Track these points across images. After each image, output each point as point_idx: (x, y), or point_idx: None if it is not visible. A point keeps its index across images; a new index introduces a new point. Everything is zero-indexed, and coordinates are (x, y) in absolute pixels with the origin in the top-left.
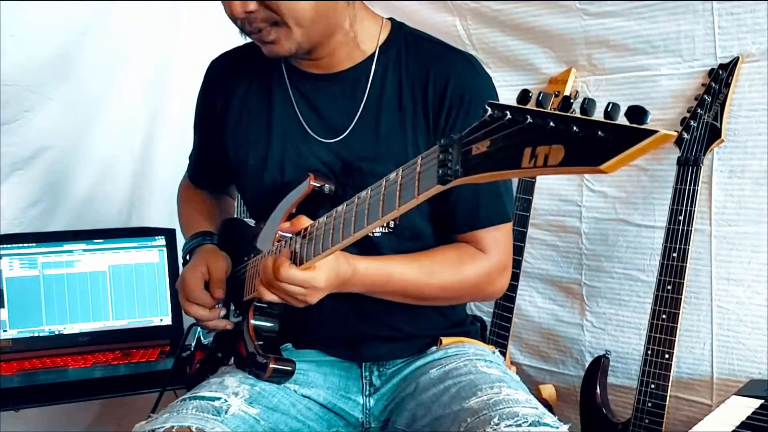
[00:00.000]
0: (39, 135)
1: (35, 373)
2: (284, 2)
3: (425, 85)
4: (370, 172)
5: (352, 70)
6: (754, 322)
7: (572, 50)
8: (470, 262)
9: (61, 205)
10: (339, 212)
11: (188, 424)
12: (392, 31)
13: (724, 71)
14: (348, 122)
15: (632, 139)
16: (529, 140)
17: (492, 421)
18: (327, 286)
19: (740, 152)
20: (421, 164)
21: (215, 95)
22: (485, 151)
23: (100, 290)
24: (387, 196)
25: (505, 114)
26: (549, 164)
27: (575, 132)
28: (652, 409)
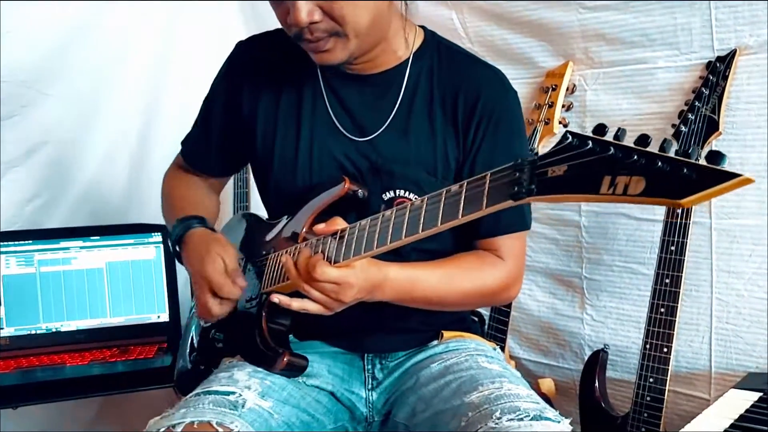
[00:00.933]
0: (36, 131)
1: (33, 371)
2: (348, 14)
3: (456, 98)
4: (400, 176)
5: (386, 73)
6: (753, 316)
7: (569, 44)
8: (490, 270)
9: (58, 201)
10: (386, 216)
11: (208, 419)
12: (426, 39)
13: (722, 64)
14: (378, 123)
15: (714, 180)
16: (609, 170)
17: (494, 415)
18: (360, 288)
19: (739, 145)
20: (491, 180)
21: (241, 81)
22: (561, 175)
23: (97, 287)
24: (448, 206)
25: (586, 143)
26: (629, 193)
27: (659, 167)
28: (650, 403)
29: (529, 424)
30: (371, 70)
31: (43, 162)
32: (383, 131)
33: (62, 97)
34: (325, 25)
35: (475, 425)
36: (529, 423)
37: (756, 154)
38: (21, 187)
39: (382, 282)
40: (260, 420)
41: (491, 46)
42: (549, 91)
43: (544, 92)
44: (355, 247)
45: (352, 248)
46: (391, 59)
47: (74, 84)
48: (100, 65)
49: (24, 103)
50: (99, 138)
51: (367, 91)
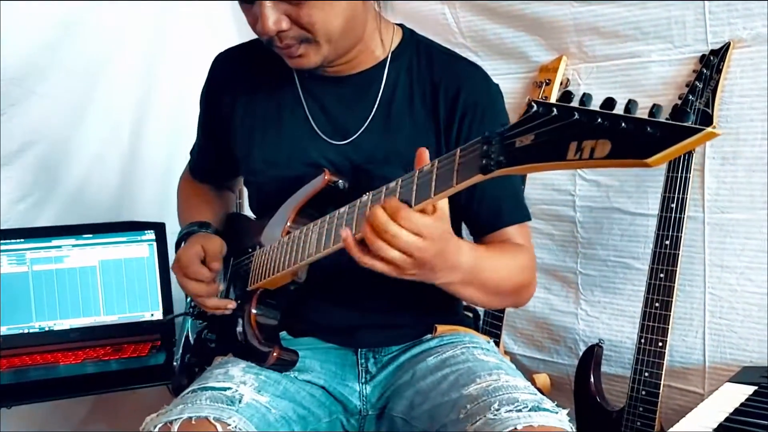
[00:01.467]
0: (26, 129)
1: (26, 370)
2: (317, 21)
3: (436, 93)
4: (379, 175)
5: (364, 74)
6: (746, 310)
7: (562, 38)
8: (521, 255)
9: (50, 200)
10: (363, 202)
11: (205, 414)
12: (404, 37)
13: (716, 57)
14: (358, 125)
15: (679, 136)
16: (574, 135)
17: (492, 406)
18: (440, 250)
19: (732, 139)
20: (460, 155)
21: (221, 91)
22: (529, 144)
23: (89, 285)
24: (421, 186)
25: (551, 110)
26: (595, 157)
27: (623, 128)
28: (646, 398)
29: (527, 414)
30: (349, 71)
31: (35, 160)
32: (363, 132)
33: (53, 95)
34: (294, 33)
35: (474, 417)
36: (528, 414)
37: (749, 148)
38: (12, 185)
39: (458, 263)
40: (258, 415)
41: (484, 40)
42: (543, 85)
43: (538, 87)
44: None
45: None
46: (369, 59)
47: (65, 82)
48: (91, 63)
49: (14, 101)
50: (90, 136)
51: (346, 93)
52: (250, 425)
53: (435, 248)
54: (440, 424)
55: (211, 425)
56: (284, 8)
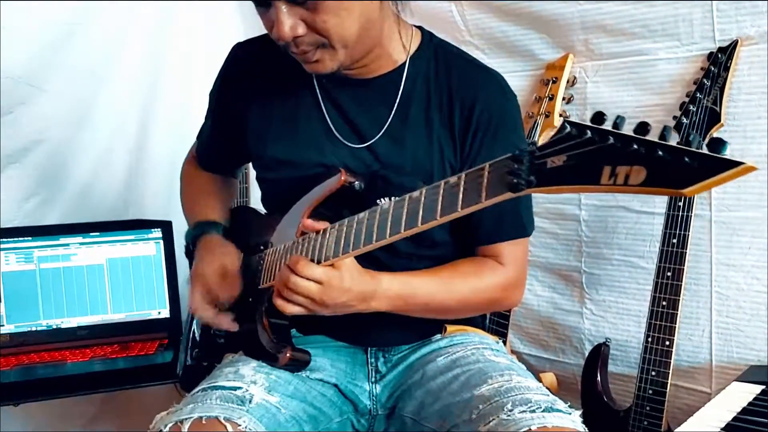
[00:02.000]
0: (34, 128)
1: (34, 368)
2: (333, 27)
3: (452, 104)
4: (396, 184)
5: (383, 78)
6: (753, 309)
7: (569, 35)
8: (489, 276)
9: (57, 198)
10: (384, 209)
11: (215, 414)
12: (423, 41)
13: (723, 55)
14: (375, 129)
15: (716, 168)
16: (608, 159)
17: (505, 407)
18: (346, 290)
19: (740, 136)
20: (489, 171)
21: (237, 84)
22: (561, 165)
23: (97, 283)
24: (446, 199)
25: (585, 133)
26: (630, 183)
27: (659, 156)
28: (653, 396)
29: (541, 415)
30: (367, 74)
31: (41, 158)
32: (380, 137)
33: (59, 93)
34: (310, 39)
35: (487, 417)
36: (542, 414)
37: (757, 146)
38: (19, 184)
39: (375, 291)
40: (268, 415)
41: (491, 38)
42: (549, 83)
43: (545, 85)
44: (354, 241)
45: (350, 242)
46: (388, 63)
47: (71, 80)
48: (96, 62)
49: (21, 99)
50: (97, 134)
51: (364, 96)
52: (260, 425)
53: (336, 290)
54: (452, 424)
55: (221, 425)
56: (300, 13)
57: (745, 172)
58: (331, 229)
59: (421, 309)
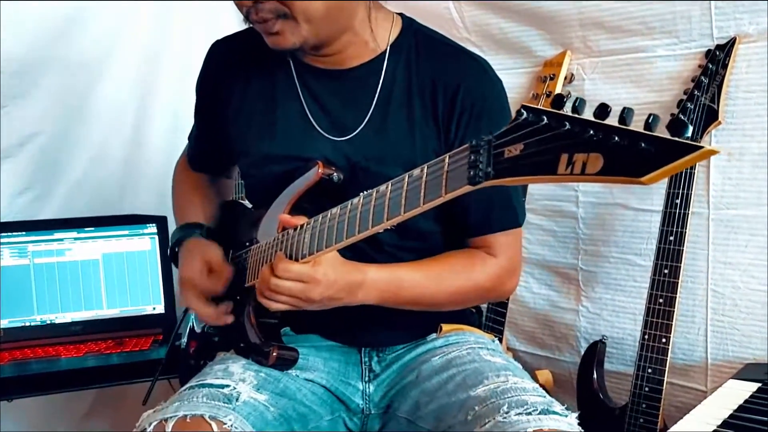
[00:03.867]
0: (28, 122)
1: (28, 363)
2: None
3: (435, 90)
4: (377, 173)
5: (362, 67)
6: (749, 307)
7: (567, 32)
8: (480, 267)
9: (52, 193)
10: (354, 204)
11: (201, 413)
12: (403, 28)
13: (721, 52)
14: (356, 121)
15: (676, 153)
16: (566, 147)
17: (501, 409)
18: (330, 283)
19: (738, 134)
20: (449, 163)
21: (217, 80)
22: (519, 155)
23: (91, 279)
24: (410, 192)
25: (541, 118)
26: (587, 172)
27: (616, 142)
28: (649, 394)
29: (537, 418)
30: (345, 64)
31: (37, 153)
32: (361, 129)
33: (55, 87)
34: (271, 6)
35: (483, 419)
36: (538, 417)
37: (756, 144)
38: (14, 178)
39: (361, 282)
40: (255, 413)
41: (488, 35)
42: (547, 80)
43: (542, 82)
44: (326, 238)
45: (324, 239)
46: (365, 52)
47: (67, 75)
48: (92, 56)
49: (17, 93)
50: (92, 129)
51: (343, 88)
52: (246, 424)
53: (320, 286)
54: (447, 425)
55: (206, 423)
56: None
57: (704, 157)
58: (306, 225)
59: (410, 301)
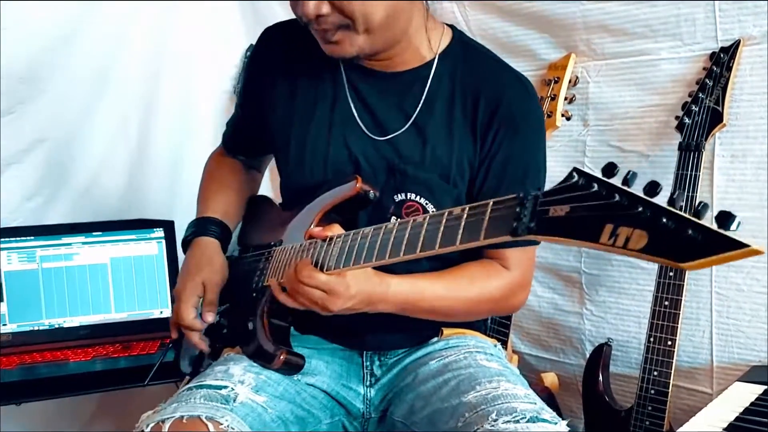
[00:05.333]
0: (35, 127)
1: (36, 367)
2: (359, 8)
3: (477, 102)
4: (413, 178)
5: (410, 72)
6: (753, 310)
7: (571, 35)
8: (495, 279)
9: (59, 198)
10: (388, 229)
11: (198, 414)
12: (453, 39)
13: (726, 54)
14: (398, 124)
15: (720, 246)
16: (612, 217)
17: (490, 416)
18: (351, 297)
19: (742, 136)
20: (492, 209)
21: (264, 70)
22: (563, 216)
23: (99, 283)
24: (448, 230)
25: (592, 186)
26: (629, 247)
27: (663, 223)
28: (655, 396)
29: (525, 426)
30: (394, 68)
31: (43, 158)
32: (403, 132)
33: (61, 92)
34: (334, 18)
35: (472, 426)
36: (525, 425)
37: (759, 146)
38: (21, 183)
39: (383, 293)
40: (253, 414)
41: (493, 38)
42: (551, 83)
43: (547, 85)
44: (355, 256)
45: (352, 257)
46: (415, 58)
47: (73, 79)
48: (99, 60)
49: (23, 99)
50: (99, 134)
51: (390, 90)
52: (243, 425)
53: (341, 298)
54: (439, 430)
55: (202, 424)
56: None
57: (748, 255)
58: (336, 239)
59: (427, 312)
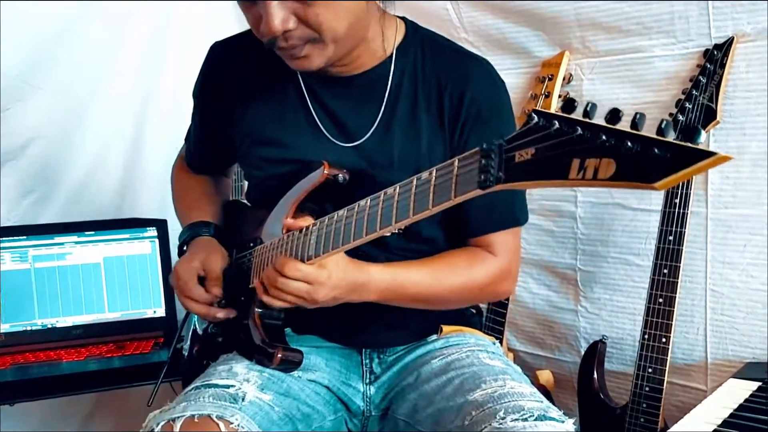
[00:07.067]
0: (29, 126)
1: (29, 367)
2: (326, 21)
3: (441, 95)
4: (382, 181)
5: (369, 73)
6: (748, 307)
7: (565, 33)
8: (480, 266)
9: (52, 196)
10: (362, 207)
11: (208, 412)
12: (407, 32)
13: (719, 52)
14: (363, 128)
15: (689, 159)
16: (577, 151)
17: (498, 414)
18: (334, 286)
19: (737, 134)
20: (459, 167)
21: (219, 83)
22: (530, 159)
23: (92, 282)
24: (419, 195)
25: (552, 123)
26: (599, 177)
27: (629, 147)
28: (649, 393)
29: (533, 424)
30: (352, 71)
31: (37, 157)
32: (369, 136)
33: (56, 91)
34: (301, 33)
35: (479, 424)
36: (534, 423)
37: (755, 143)
38: (14, 182)
39: (365, 282)
40: (261, 413)
41: (486, 36)
42: (545, 81)
43: (541, 82)
44: (333, 240)
45: (330, 241)
46: (371, 59)
47: (68, 79)
48: (94, 59)
49: (18, 97)
50: (93, 132)
51: (351, 94)
52: (252, 424)
53: (325, 287)
54: (445, 429)
55: (213, 423)
56: (292, 7)
57: (718, 163)
58: (312, 227)
59: (411, 300)
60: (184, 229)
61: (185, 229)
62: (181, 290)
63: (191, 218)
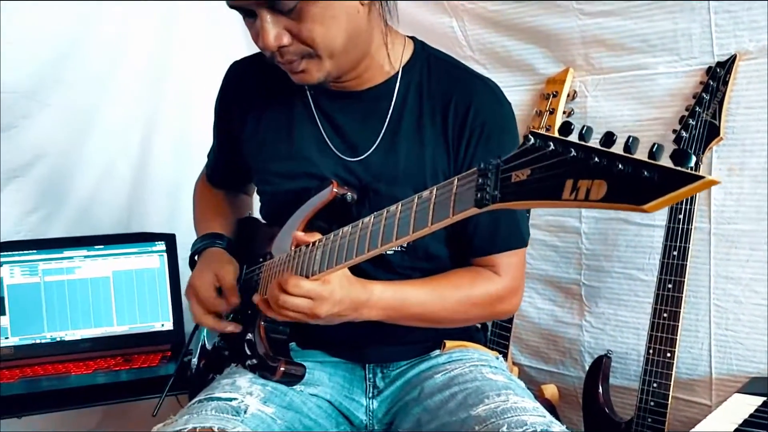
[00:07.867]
0: (37, 142)
1: (37, 380)
2: (319, 36)
3: (446, 110)
4: (387, 195)
5: (375, 89)
6: (752, 322)
7: (569, 50)
8: (483, 285)
9: (60, 211)
10: (365, 224)
11: (210, 425)
12: (415, 51)
13: (722, 69)
14: (369, 142)
15: (677, 182)
16: (571, 173)
17: (501, 429)
18: (337, 302)
19: (739, 150)
20: (458, 185)
21: (234, 100)
22: (525, 179)
23: (100, 296)
24: (419, 213)
25: (548, 144)
26: (590, 198)
27: (620, 169)
28: (654, 408)
29: None
30: (359, 86)
31: (45, 172)
32: (373, 151)
33: (62, 107)
34: (296, 48)
35: None
36: None
37: (756, 159)
38: (23, 197)
39: (368, 299)
40: (263, 426)
41: (492, 53)
42: (550, 97)
43: (545, 99)
44: (337, 256)
45: (334, 257)
46: (379, 74)
47: (74, 94)
48: (99, 75)
49: (24, 113)
50: (100, 147)
51: (357, 109)
52: None
53: (327, 304)
54: None
55: None
56: (285, 23)
57: (706, 186)
58: (319, 243)
59: (413, 318)
60: (197, 240)
61: (198, 239)
62: (203, 304)
63: (205, 230)
